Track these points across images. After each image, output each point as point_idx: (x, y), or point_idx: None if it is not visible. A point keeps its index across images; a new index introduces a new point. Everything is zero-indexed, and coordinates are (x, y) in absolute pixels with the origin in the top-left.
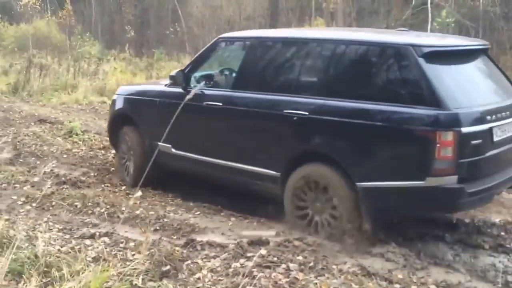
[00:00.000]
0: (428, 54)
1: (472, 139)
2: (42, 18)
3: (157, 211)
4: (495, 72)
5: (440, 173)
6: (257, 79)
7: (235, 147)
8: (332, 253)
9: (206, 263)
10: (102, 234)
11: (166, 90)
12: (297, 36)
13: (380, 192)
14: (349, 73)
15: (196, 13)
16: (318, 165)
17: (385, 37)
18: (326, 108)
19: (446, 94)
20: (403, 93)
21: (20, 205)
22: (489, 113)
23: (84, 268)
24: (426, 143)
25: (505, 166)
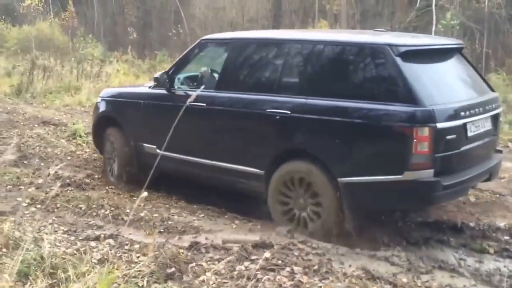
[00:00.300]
0: (405, 53)
1: (447, 134)
2: (45, 20)
3: (161, 214)
4: (470, 70)
5: (417, 167)
6: (239, 80)
7: (220, 146)
8: (336, 257)
9: (210, 266)
10: (107, 236)
11: (150, 92)
12: (278, 37)
13: (360, 186)
14: (329, 72)
15: (199, 14)
16: (301, 162)
17: (363, 37)
18: (307, 107)
19: (422, 92)
20: (381, 91)
21: (25, 207)
22: (463, 110)
23: (90, 270)
24: (403, 138)
25: (479, 160)
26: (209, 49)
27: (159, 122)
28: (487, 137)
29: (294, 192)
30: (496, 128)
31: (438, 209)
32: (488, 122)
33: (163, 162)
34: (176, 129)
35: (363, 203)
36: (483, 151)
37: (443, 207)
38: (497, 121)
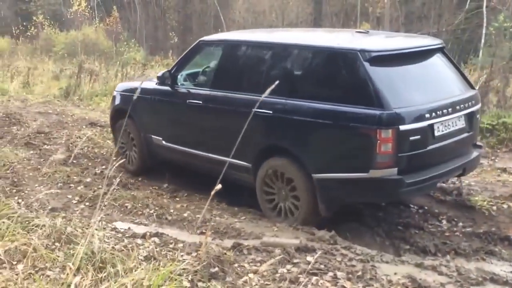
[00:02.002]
0: (375, 58)
1: (411, 135)
2: (91, 25)
3: (203, 215)
4: (449, 70)
5: (381, 166)
6: (231, 80)
7: (216, 140)
8: (381, 263)
9: (252, 267)
10: (152, 234)
11: (156, 88)
12: (263, 40)
13: (332, 182)
14: (305, 75)
15: (239, 18)
16: (281, 159)
17: (336, 42)
18: (286, 107)
19: (388, 95)
20: (350, 94)
21: (74, 204)
22: (429, 111)
23: (137, 266)
24: (368, 139)
25: (448, 158)
26: (206, 49)
27: (163, 116)
28: (461, 134)
29: (276, 185)
30: (472, 125)
31: (488, 220)
32: (462, 120)
33: (168, 153)
34: (178, 123)
35: (334, 197)
36: (455, 148)
37: (494, 217)
38: (473, 118)
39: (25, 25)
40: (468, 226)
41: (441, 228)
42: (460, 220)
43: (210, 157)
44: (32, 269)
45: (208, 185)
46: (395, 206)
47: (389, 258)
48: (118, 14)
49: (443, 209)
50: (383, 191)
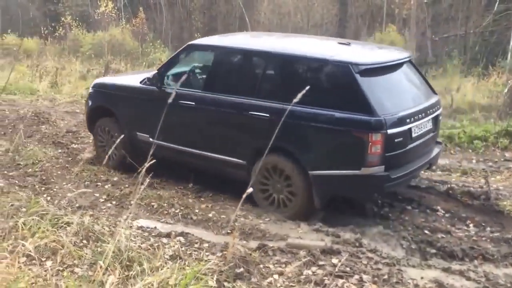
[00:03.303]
0: (364, 70)
1: (395, 138)
2: (117, 26)
3: (228, 215)
4: (418, 78)
5: (372, 164)
6: (225, 83)
7: (210, 139)
8: (407, 267)
9: (277, 268)
10: (178, 233)
11: (142, 88)
12: (257, 49)
13: (327, 178)
14: (303, 83)
15: (264, 20)
16: (279, 156)
17: (330, 53)
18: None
19: (376, 104)
20: (344, 102)
21: (102, 202)
22: (409, 117)
23: (163, 264)
24: (361, 142)
25: (421, 154)
26: (195, 53)
27: (151, 115)
28: (428, 134)
29: (271, 180)
30: (436, 126)
31: None
32: (430, 123)
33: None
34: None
35: (329, 191)
36: (425, 146)
37: None
38: (437, 120)
39: (53, 26)
40: (496, 231)
41: (468, 232)
42: (488, 225)
43: (202, 154)
44: (61, 266)
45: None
46: (421, 210)
47: (416, 262)
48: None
49: (471, 214)
50: (372, 185)
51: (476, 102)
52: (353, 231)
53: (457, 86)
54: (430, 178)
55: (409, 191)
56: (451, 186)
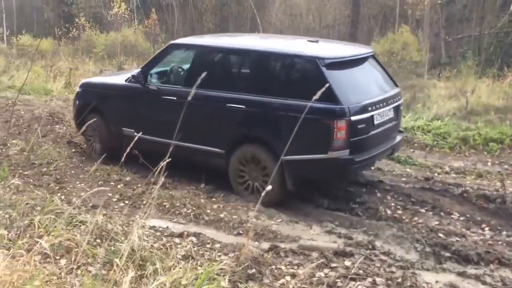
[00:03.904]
0: (329, 64)
1: (358, 124)
2: (130, 27)
3: (240, 216)
4: (380, 72)
5: (337, 149)
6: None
7: (190, 131)
8: (421, 271)
9: (289, 270)
10: (190, 233)
11: (127, 86)
12: (233, 47)
13: (298, 162)
14: (275, 76)
15: (275, 21)
16: (254, 145)
17: (299, 49)
18: (259, 103)
19: (340, 94)
20: (312, 93)
21: (115, 202)
22: (370, 105)
23: (175, 264)
24: (328, 128)
25: (383, 141)
26: (176, 51)
27: (136, 110)
28: (390, 123)
29: (248, 167)
30: (397, 115)
31: None
32: (391, 112)
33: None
34: (152, 117)
35: (300, 175)
36: (387, 134)
37: None
38: (398, 110)
39: (67, 26)
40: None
41: (484, 236)
42: (504, 228)
43: (185, 146)
44: (75, 264)
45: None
46: (436, 213)
47: (430, 265)
48: (157, 16)
49: (486, 217)
50: (338, 168)
51: (491, 104)
52: (366, 233)
53: (472, 88)
54: (444, 181)
55: (423, 194)
56: (466, 189)
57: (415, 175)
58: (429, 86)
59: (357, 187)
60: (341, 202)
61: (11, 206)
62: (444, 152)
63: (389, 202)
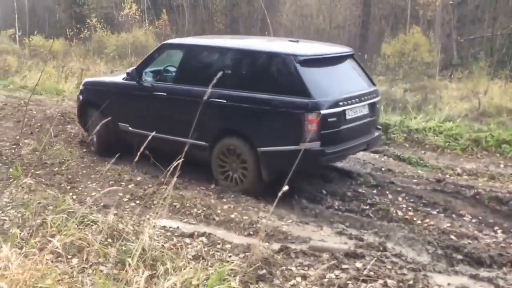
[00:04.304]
0: (303, 61)
1: (329, 118)
2: (141, 28)
3: (250, 216)
4: (357, 71)
5: (308, 140)
6: (190, 76)
7: (178, 125)
8: (433, 273)
9: (300, 271)
10: (200, 234)
11: (124, 83)
12: (216, 45)
13: (272, 153)
14: (253, 72)
15: (286, 21)
16: (234, 138)
17: (276, 47)
18: (238, 98)
19: (313, 89)
20: (286, 87)
21: (126, 202)
22: (342, 101)
23: (185, 264)
24: (299, 121)
25: (356, 135)
26: (168, 51)
27: (131, 107)
28: (365, 119)
29: (229, 159)
30: (373, 112)
31: None
32: (365, 108)
33: (134, 137)
34: (145, 113)
35: (274, 165)
36: (361, 129)
37: None
38: (374, 107)
39: (78, 27)
40: None
41: (496, 239)
42: None
43: (174, 139)
44: (86, 264)
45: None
46: (447, 215)
47: (442, 268)
48: (167, 17)
49: (499, 220)
50: (309, 159)
51: (504, 105)
52: (377, 235)
53: (484, 89)
54: (456, 183)
55: (435, 195)
56: (478, 191)
57: (426, 176)
58: (440, 87)
59: (368, 189)
60: (352, 203)
61: (23, 205)
62: (456, 153)
63: (400, 203)
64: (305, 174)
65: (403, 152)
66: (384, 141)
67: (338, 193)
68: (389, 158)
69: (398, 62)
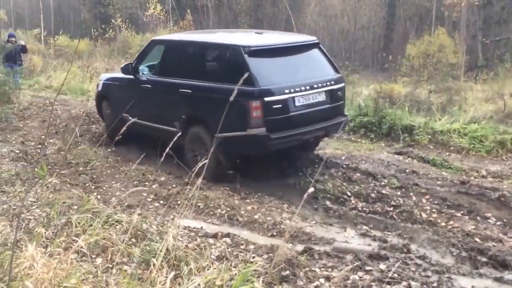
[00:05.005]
0: (252, 51)
1: (274, 105)
2: (165, 28)
3: (274, 217)
4: (319, 59)
5: (255, 126)
6: (167, 69)
7: (161, 114)
8: (457, 276)
9: (324, 273)
10: (224, 234)
11: (124, 77)
12: (185, 40)
13: (226, 139)
14: (211, 64)
15: (310, 22)
16: (198, 126)
17: (228, 39)
18: (198, 88)
19: (259, 77)
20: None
21: (149, 202)
22: (289, 88)
23: (209, 265)
24: (246, 108)
25: (311, 122)
26: (156, 46)
27: (129, 98)
28: (322, 105)
29: (197, 145)
30: (332, 99)
31: None
32: (321, 95)
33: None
34: (137, 103)
35: (228, 150)
36: (317, 115)
37: None
38: (334, 94)
39: (103, 27)
40: None
41: None
42: None
43: (157, 127)
44: (110, 263)
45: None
46: (472, 217)
47: (466, 270)
48: (192, 17)
49: None
50: (257, 144)
51: None
52: (400, 237)
53: (510, 91)
54: (480, 185)
55: (459, 197)
56: (503, 193)
57: (451, 178)
58: (465, 88)
59: (392, 190)
60: (376, 204)
61: (48, 205)
62: (480, 155)
63: (424, 205)
64: (330, 175)
65: (427, 153)
66: (408, 143)
67: (362, 195)
68: (413, 160)
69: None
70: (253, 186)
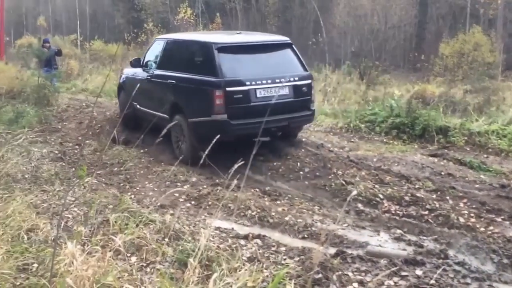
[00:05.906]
0: (220, 48)
1: (235, 94)
2: (195, 31)
3: (305, 219)
4: (289, 58)
5: (217, 113)
6: (162, 63)
7: (156, 102)
8: (499, 283)
9: (357, 277)
10: (255, 236)
11: (135, 70)
12: (174, 38)
13: (196, 124)
14: (190, 58)
15: (339, 22)
16: (179, 113)
17: (204, 37)
18: (179, 78)
19: (224, 70)
20: (207, 69)
21: (181, 202)
22: (249, 80)
23: (241, 266)
24: (210, 96)
25: (273, 113)
26: (159, 43)
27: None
28: (285, 99)
29: (180, 131)
30: (298, 94)
31: None
32: (285, 90)
33: (140, 114)
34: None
35: (198, 134)
36: (280, 107)
37: None
38: (298, 89)
39: (135, 32)
40: None
41: None
42: None
43: (154, 113)
44: (144, 262)
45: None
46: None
47: (508, 278)
48: (221, 20)
49: None
50: (219, 128)
51: None
52: (437, 242)
53: None
54: None
55: (499, 201)
56: None
57: (489, 181)
58: (503, 88)
59: (427, 193)
60: (410, 208)
61: (85, 204)
62: None
63: (461, 209)
64: (361, 177)
65: (464, 156)
66: (443, 145)
67: (395, 198)
68: (449, 162)
69: (457, 62)
70: (283, 187)
